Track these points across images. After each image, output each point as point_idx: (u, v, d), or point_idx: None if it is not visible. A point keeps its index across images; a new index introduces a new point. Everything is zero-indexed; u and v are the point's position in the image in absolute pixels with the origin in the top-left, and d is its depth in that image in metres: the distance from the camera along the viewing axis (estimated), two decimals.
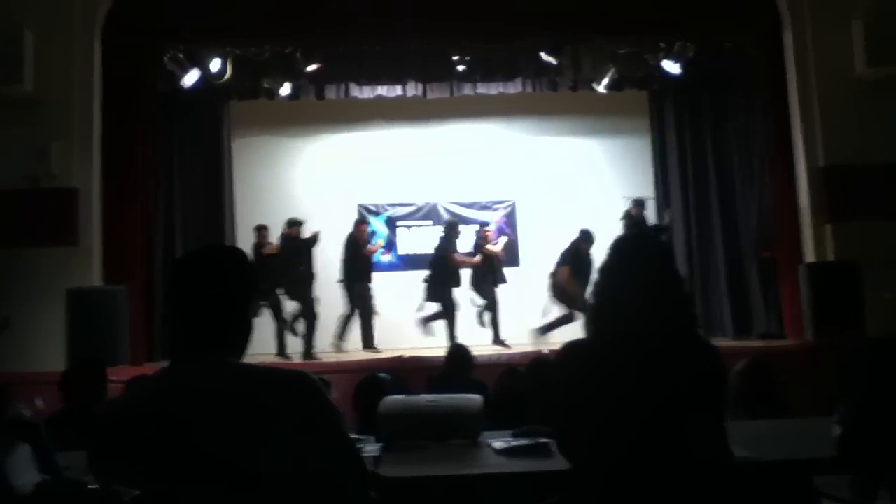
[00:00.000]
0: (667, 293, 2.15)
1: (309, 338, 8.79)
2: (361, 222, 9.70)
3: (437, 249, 9.46)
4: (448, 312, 9.05)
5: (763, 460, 2.63)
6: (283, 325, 8.92)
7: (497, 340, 9.06)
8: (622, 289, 2.16)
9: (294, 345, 8.92)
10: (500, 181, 11.10)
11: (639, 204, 9.69)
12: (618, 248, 2.26)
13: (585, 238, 9.01)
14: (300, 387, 1.71)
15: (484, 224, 10.23)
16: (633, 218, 9.49)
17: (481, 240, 9.60)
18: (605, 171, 11.04)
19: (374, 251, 9.80)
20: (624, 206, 9.79)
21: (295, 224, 9.08)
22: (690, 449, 1.99)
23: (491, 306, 9.28)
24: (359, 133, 11.00)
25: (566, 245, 9.13)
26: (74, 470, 2.30)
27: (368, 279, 9.33)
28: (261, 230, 9.20)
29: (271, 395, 1.66)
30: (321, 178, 10.92)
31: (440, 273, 9.19)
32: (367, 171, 10.99)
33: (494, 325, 9.21)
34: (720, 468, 2.04)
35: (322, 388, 1.76)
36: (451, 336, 8.73)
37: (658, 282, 2.15)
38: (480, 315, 9.33)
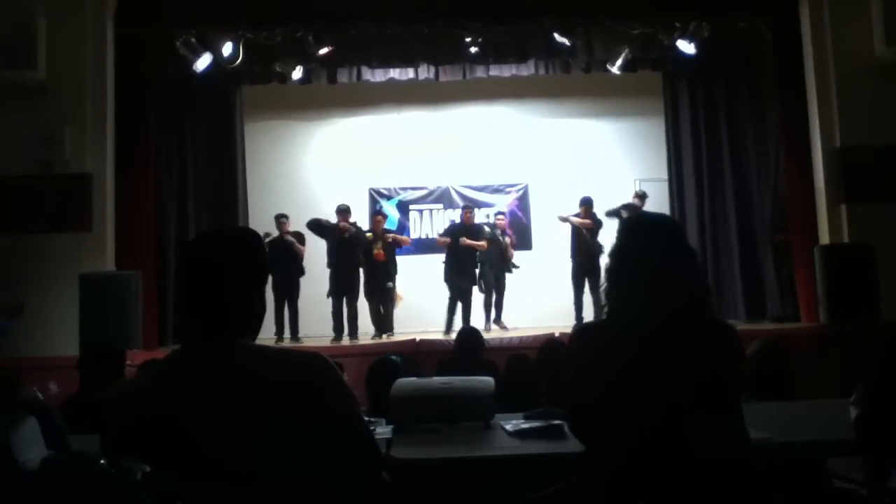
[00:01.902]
0: (680, 272, 2.13)
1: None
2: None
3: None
4: (463, 299, 9.13)
5: (777, 442, 2.61)
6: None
7: (497, 321, 9.29)
8: (635, 271, 2.14)
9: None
10: (512, 164, 11.06)
11: (640, 196, 9.63)
12: (628, 229, 2.24)
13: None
14: (312, 369, 1.69)
15: (500, 213, 10.19)
16: (631, 208, 9.33)
17: (497, 227, 9.63)
18: (618, 154, 10.98)
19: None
20: (636, 188, 9.75)
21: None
22: (707, 430, 1.97)
23: (498, 291, 9.34)
24: (370, 116, 10.98)
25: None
26: (87, 452, 2.30)
27: None
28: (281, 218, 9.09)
29: (280, 382, 1.64)
30: (333, 162, 10.93)
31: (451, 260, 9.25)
32: (379, 155, 10.97)
33: (498, 307, 9.35)
34: (736, 450, 2.02)
35: (336, 369, 1.75)
36: (465, 320, 8.77)
37: (670, 261, 2.13)
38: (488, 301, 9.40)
